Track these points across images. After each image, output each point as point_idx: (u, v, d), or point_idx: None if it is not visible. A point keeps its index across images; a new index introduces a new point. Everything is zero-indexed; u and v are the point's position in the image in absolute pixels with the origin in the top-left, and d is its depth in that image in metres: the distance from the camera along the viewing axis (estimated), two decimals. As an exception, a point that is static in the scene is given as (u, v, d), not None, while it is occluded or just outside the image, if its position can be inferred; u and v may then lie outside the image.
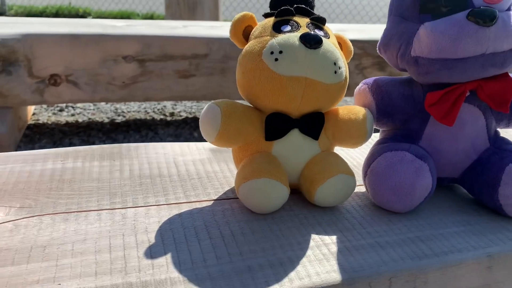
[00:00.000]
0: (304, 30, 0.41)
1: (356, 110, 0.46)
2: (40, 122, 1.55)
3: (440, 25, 0.40)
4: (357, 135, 0.45)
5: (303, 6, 0.43)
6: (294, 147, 0.43)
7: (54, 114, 1.64)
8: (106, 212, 0.42)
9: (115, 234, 0.39)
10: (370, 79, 0.49)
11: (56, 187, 0.46)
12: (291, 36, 0.40)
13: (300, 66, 0.39)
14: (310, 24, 0.42)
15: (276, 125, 0.42)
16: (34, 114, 1.61)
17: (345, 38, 0.47)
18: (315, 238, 0.40)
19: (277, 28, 0.42)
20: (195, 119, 1.66)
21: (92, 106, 1.74)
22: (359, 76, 1.48)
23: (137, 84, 1.35)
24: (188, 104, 1.83)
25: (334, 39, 0.44)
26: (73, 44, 1.27)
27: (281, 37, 0.40)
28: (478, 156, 0.46)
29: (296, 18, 0.42)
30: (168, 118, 1.66)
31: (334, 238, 0.40)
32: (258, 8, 3.68)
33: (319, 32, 0.42)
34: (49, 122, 1.55)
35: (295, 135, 0.43)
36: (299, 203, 0.45)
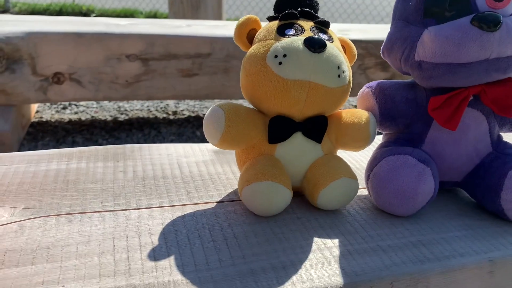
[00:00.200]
0: (308, 33, 0.41)
1: (359, 114, 0.46)
2: (43, 120, 1.56)
3: (444, 29, 0.40)
4: (360, 139, 0.45)
5: (307, 9, 0.43)
6: (297, 150, 0.43)
7: (57, 112, 1.64)
8: (110, 213, 0.42)
9: (119, 235, 0.39)
10: (374, 83, 0.49)
11: (60, 188, 0.47)
12: (295, 40, 0.40)
13: (304, 70, 0.39)
14: (314, 28, 0.42)
15: (280, 128, 0.42)
16: (37, 112, 1.62)
17: (348, 41, 0.47)
18: (317, 241, 0.40)
19: (281, 32, 0.42)
20: (197, 118, 1.67)
21: (95, 105, 1.74)
22: (362, 77, 1.47)
23: (140, 82, 1.36)
24: (191, 103, 1.83)
25: (338, 42, 0.44)
26: (76, 42, 1.27)
27: (285, 40, 0.40)
28: (480, 161, 0.46)
29: (300, 22, 0.42)
30: (171, 117, 1.66)
31: (336, 241, 0.40)
32: (261, 7, 3.68)
33: (323, 35, 0.42)
34: (52, 120, 1.56)
35: (298, 138, 0.43)
36: (302, 206, 0.45)
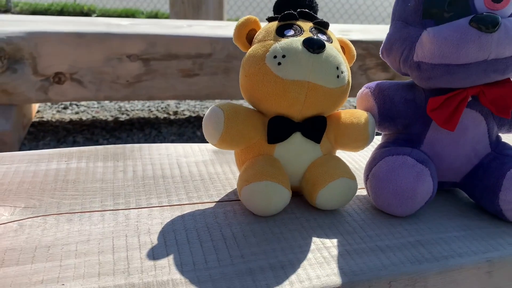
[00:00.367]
0: (307, 34, 0.41)
1: (358, 114, 0.46)
2: (44, 119, 1.56)
3: (442, 30, 0.40)
4: (359, 139, 0.45)
5: (306, 10, 0.43)
6: (296, 150, 0.43)
7: (58, 112, 1.65)
8: (109, 213, 0.43)
9: (118, 235, 0.39)
10: (373, 83, 0.49)
11: (60, 187, 0.47)
12: (294, 41, 0.40)
13: (303, 71, 0.39)
14: (313, 29, 0.43)
15: (279, 128, 0.43)
16: (38, 111, 1.62)
17: (348, 42, 0.47)
18: (316, 241, 0.40)
19: (280, 32, 0.42)
20: (198, 118, 1.67)
21: (96, 104, 1.75)
22: (363, 77, 1.48)
23: (141, 82, 1.36)
24: (192, 103, 1.84)
25: (337, 43, 0.44)
26: (78, 42, 1.28)
27: (284, 41, 0.40)
28: (479, 161, 0.46)
29: (299, 23, 0.43)
30: (172, 117, 1.67)
31: (335, 241, 0.40)
32: (262, 7, 3.68)
33: (322, 36, 0.42)
34: (53, 120, 1.56)
35: (297, 139, 0.43)
36: (301, 206, 0.45)
